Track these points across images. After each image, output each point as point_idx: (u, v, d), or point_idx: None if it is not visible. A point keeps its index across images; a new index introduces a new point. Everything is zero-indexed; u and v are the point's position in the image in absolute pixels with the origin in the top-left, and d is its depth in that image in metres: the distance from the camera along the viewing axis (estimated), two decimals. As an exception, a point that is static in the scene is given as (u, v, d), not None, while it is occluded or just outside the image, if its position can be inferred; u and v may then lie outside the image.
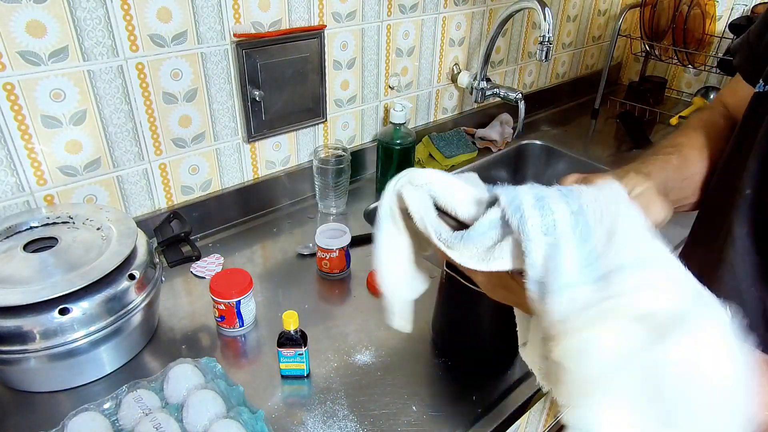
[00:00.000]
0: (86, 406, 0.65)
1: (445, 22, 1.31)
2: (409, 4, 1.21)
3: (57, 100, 0.82)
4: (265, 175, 1.13)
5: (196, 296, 0.90)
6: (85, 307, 0.68)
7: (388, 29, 1.20)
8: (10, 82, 0.77)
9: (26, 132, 0.81)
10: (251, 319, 0.82)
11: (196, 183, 1.04)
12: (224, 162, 1.06)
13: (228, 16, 0.94)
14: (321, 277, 0.95)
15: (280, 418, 0.69)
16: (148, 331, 0.80)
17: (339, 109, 1.20)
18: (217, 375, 0.71)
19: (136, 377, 0.71)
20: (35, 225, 0.77)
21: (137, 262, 0.75)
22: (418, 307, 0.89)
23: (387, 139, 1.19)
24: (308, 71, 1.08)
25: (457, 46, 1.38)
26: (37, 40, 0.77)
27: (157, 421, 0.62)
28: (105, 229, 0.76)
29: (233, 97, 1.01)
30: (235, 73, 0.99)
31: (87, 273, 0.68)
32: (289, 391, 0.73)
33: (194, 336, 0.81)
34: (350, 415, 0.69)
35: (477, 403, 0.71)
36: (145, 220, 0.97)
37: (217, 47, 0.95)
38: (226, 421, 0.63)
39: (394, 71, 1.27)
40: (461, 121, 1.48)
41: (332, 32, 1.10)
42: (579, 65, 1.82)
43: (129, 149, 0.93)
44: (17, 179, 0.83)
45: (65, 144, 0.85)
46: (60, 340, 0.67)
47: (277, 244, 1.05)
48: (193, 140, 1.00)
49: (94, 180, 0.91)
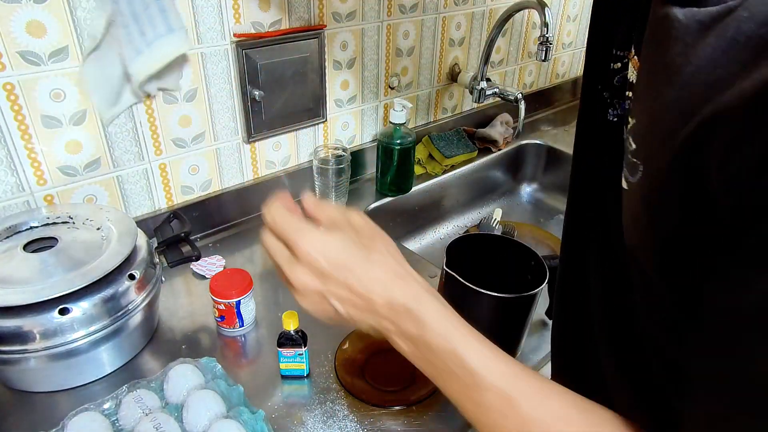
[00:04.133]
0: (86, 406, 0.65)
1: (445, 22, 1.31)
2: (409, 4, 1.21)
3: (57, 100, 0.82)
4: (265, 175, 1.13)
5: (196, 296, 0.90)
6: (85, 307, 0.68)
7: (388, 29, 1.20)
8: (10, 82, 0.77)
9: (26, 132, 0.81)
10: (251, 319, 0.82)
11: (196, 183, 1.04)
12: (224, 162, 1.06)
13: (228, 16, 0.94)
14: (321, 277, 0.95)
15: (280, 418, 0.69)
16: (148, 331, 0.80)
17: (339, 109, 1.20)
18: (217, 375, 0.71)
19: (136, 377, 0.71)
20: (35, 225, 0.77)
21: (137, 262, 0.75)
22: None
23: (387, 139, 1.19)
24: (308, 71, 1.08)
25: (457, 46, 1.38)
26: (37, 40, 0.77)
27: (157, 421, 0.62)
28: (105, 229, 0.76)
29: (233, 97, 1.01)
30: (235, 73, 0.99)
31: (87, 273, 0.68)
32: (289, 391, 0.73)
33: (194, 336, 0.81)
34: (350, 415, 0.69)
35: (477, 403, 0.71)
36: (145, 220, 0.97)
37: (217, 47, 0.95)
38: (226, 421, 0.63)
39: (394, 71, 1.27)
40: (461, 121, 1.48)
41: (332, 32, 1.10)
42: (579, 65, 1.82)
43: (129, 149, 0.93)
44: (17, 179, 0.83)
45: (65, 144, 0.85)
46: (60, 340, 0.67)
47: (277, 244, 1.05)
48: (193, 140, 1.00)
49: (94, 180, 0.91)
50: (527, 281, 0.77)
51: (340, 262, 0.43)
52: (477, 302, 0.71)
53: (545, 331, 0.84)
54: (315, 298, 0.45)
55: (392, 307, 0.43)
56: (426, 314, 0.43)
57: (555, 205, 1.51)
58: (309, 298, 0.45)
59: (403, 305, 0.43)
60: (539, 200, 1.55)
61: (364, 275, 0.44)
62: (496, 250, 0.80)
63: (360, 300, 0.44)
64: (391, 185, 1.22)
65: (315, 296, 0.44)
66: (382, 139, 1.20)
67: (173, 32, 0.75)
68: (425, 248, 1.33)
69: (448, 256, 0.74)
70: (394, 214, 1.25)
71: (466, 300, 0.72)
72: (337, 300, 0.44)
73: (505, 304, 0.70)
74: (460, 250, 0.76)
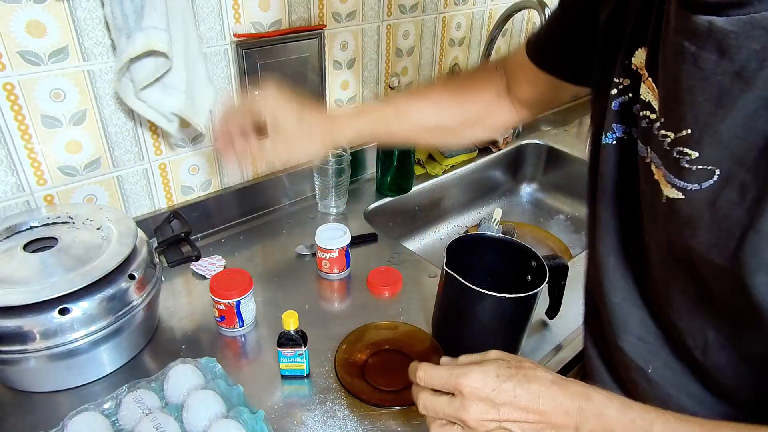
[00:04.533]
0: (86, 406, 0.65)
1: (445, 22, 1.31)
2: (409, 4, 1.21)
3: (57, 100, 0.82)
4: (265, 175, 1.13)
5: (196, 296, 0.90)
6: (85, 307, 0.68)
7: (388, 29, 1.20)
8: (10, 82, 0.77)
9: (26, 132, 0.81)
10: (251, 319, 0.82)
11: (196, 183, 1.04)
12: (224, 162, 1.06)
13: (228, 16, 0.94)
14: (321, 277, 0.95)
15: (280, 418, 0.69)
16: (148, 331, 0.80)
17: (339, 109, 1.20)
18: (217, 375, 0.71)
19: (136, 377, 0.71)
20: (35, 225, 0.77)
21: (137, 262, 0.75)
22: (419, 306, 0.89)
23: (387, 139, 1.19)
24: (308, 71, 1.08)
25: (457, 46, 1.38)
26: (37, 40, 0.77)
27: (157, 421, 0.62)
28: (105, 229, 0.76)
29: (233, 98, 1.01)
30: (235, 73, 0.99)
31: (87, 273, 0.68)
32: (289, 391, 0.73)
33: (194, 336, 0.81)
34: (350, 415, 0.69)
35: (477, 403, 0.71)
36: (145, 220, 0.97)
37: (217, 47, 0.95)
38: (226, 421, 0.63)
39: (394, 71, 1.27)
40: (461, 121, 1.48)
41: (332, 32, 1.10)
42: (579, 65, 1.82)
43: (129, 149, 0.93)
44: (17, 179, 0.83)
45: (65, 144, 0.85)
46: (60, 340, 0.67)
47: (277, 244, 1.05)
48: (193, 140, 1.00)
49: (94, 180, 0.91)
50: (527, 281, 0.77)
51: (506, 387, 0.46)
52: (477, 302, 0.71)
53: (545, 331, 0.84)
54: (491, 427, 0.46)
55: (567, 412, 0.45)
56: (600, 405, 0.45)
57: (555, 205, 1.51)
58: (486, 429, 0.46)
59: (577, 407, 0.45)
60: (539, 200, 1.55)
61: (530, 392, 0.46)
62: (496, 250, 0.80)
63: (534, 415, 0.45)
64: (391, 185, 1.22)
65: (492, 426, 0.46)
66: (382, 139, 1.20)
67: (144, 30, 0.76)
68: (425, 248, 1.33)
69: (448, 256, 0.74)
70: (394, 214, 1.25)
71: (466, 300, 0.72)
72: (513, 423, 0.46)
73: (505, 304, 0.70)
74: (460, 250, 0.76)
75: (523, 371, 0.47)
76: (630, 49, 0.50)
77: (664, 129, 0.44)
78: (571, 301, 0.82)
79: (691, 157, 0.42)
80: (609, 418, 0.44)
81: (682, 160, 0.43)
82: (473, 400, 0.46)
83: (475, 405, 0.46)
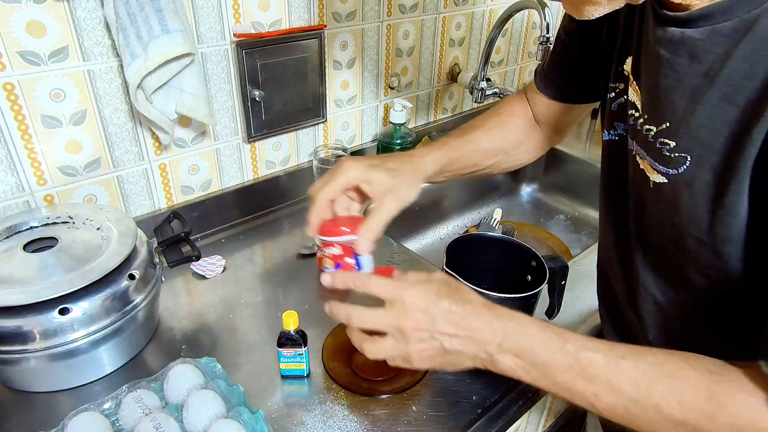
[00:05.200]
0: (86, 406, 0.65)
1: (445, 22, 1.31)
2: (409, 4, 1.21)
3: (57, 100, 0.82)
4: (265, 175, 1.13)
5: (196, 296, 0.90)
6: (85, 307, 0.68)
7: (388, 29, 1.20)
8: (10, 82, 0.77)
9: (26, 132, 0.81)
10: (370, 265, 0.69)
11: (196, 183, 1.04)
12: (224, 162, 1.06)
13: (228, 16, 0.94)
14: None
15: (280, 418, 0.69)
16: (148, 331, 0.80)
17: (339, 109, 1.20)
18: (217, 375, 0.71)
19: (136, 377, 0.71)
20: (35, 225, 0.77)
21: (137, 262, 0.75)
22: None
23: (387, 139, 1.19)
24: (308, 71, 1.08)
25: (457, 46, 1.38)
26: (37, 40, 0.77)
27: (157, 421, 0.62)
28: (105, 229, 0.76)
29: (233, 97, 1.01)
30: (235, 73, 0.99)
31: (87, 273, 0.68)
32: (289, 391, 0.73)
33: (194, 336, 0.81)
34: (350, 415, 0.69)
35: (477, 403, 0.71)
36: (145, 220, 0.97)
37: (217, 47, 0.95)
38: (226, 421, 0.63)
39: (394, 71, 1.27)
40: (461, 121, 1.48)
41: (332, 32, 1.10)
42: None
43: (129, 149, 0.93)
44: (17, 179, 0.83)
45: (65, 144, 0.85)
46: (60, 340, 0.67)
47: (277, 244, 1.05)
48: (193, 140, 1.00)
49: (94, 180, 0.91)
50: (527, 281, 0.77)
51: (443, 304, 0.51)
52: (477, 302, 0.71)
53: (545, 331, 0.85)
54: (424, 336, 0.51)
55: (493, 330, 0.51)
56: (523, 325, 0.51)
57: (555, 205, 1.51)
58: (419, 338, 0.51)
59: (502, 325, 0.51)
60: (539, 200, 1.55)
61: (464, 311, 0.52)
62: (496, 250, 0.80)
63: (464, 330, 0.51)
64: (391, 185, 1.22)
65: (425, 335, 0.51)
66: (382, 139, 1.20)
67: (168, 34, 0.76)
68: (425, 248, 1.33)
69: (448, 256, 0.74)
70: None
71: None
72: (444, 335, 0.51)
73: (505, 304, 0.70)
74: (460, 250, 0.76)
75: (460, 293, 0.53)
76: (621, 57, 0.58)
77: (648, 124, 0.52)
78: (571, 301, 0.82)
79: (671, 146, 0.49)
80: (529, 336, 0.50)
81: (663, 149, 0.50)
82: (413, 311, 0.51)
83: (414, 314, 0.51)
